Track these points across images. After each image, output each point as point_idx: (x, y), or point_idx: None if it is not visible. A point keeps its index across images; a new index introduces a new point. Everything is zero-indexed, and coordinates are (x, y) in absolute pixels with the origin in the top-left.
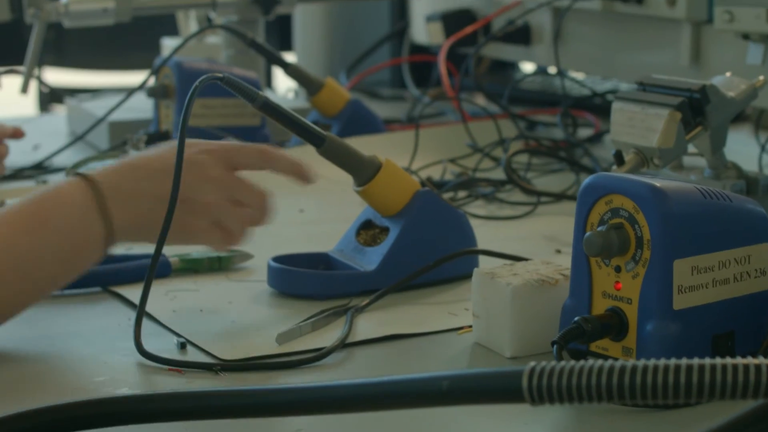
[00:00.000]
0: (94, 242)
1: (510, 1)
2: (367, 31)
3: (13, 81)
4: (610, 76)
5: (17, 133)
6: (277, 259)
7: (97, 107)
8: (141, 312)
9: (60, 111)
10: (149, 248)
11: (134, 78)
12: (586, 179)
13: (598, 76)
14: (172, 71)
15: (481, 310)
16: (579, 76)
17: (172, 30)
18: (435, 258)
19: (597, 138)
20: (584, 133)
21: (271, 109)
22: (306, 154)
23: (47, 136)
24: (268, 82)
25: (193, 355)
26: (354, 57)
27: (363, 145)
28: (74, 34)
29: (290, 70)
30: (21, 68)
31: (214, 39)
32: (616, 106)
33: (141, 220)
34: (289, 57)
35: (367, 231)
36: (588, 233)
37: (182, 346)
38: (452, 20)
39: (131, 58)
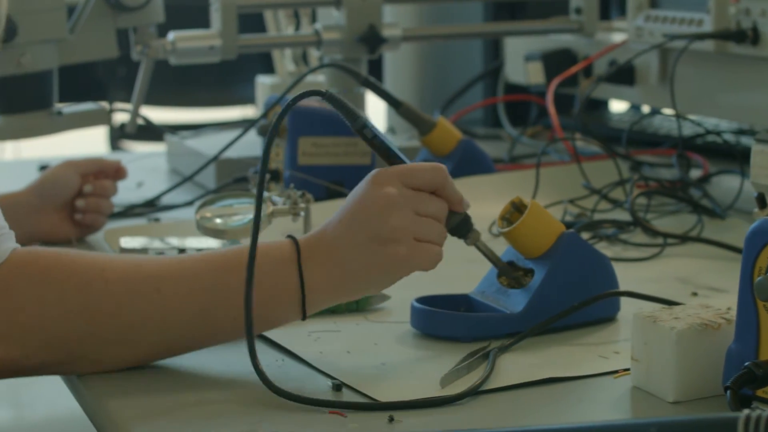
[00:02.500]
0: (289, 300)
1: (611, 42)
2: (458, 71)
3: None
4: (716, 117)
5: (120, 173)
6: (419, 300)
7: (200, 144)
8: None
9: (157, 148)
10: None
11: (210, 114)
12: (753, 224)
13: (700, 116)
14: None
15: (642, 354)
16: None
17: (246, 67)
18: (579, 300)
19: (706, 179)
20: (693, 174)
21: (371, 134)
22: None
23: (149, 173)
24: None
25: (347, 397)
26: (444, 96)
27: (477, 185)
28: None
29: (403, 109)
30: (117, 105)
31: (309, 77)
32: (757, 149)
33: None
34: None
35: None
36: (760, 278)
37: (337, 388)
38: (552, 60)
39: (202, 94)
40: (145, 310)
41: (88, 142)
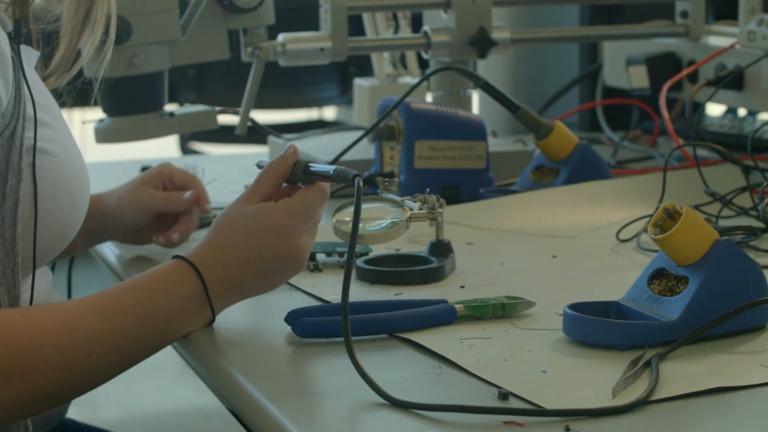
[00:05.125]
0: (193, 325)
1: (713, 45)
2: (552, 74)
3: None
4: None
5: (203, 207)
6: (571, 307)
7: (306, 146)
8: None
9: (229, 150)
10: (436, 293)
11: (277, 116)
12: None
13: None
14: (399, 113)
15: None
16: None
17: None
18: (732, 307)
19: None
20: None
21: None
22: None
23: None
24: None
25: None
26: (537, 99)
27: (596, 190)
28: (214, 74)
29: (520, 113)
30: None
31: (408, 79)
32: None
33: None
34: None
35: (661, 280)
36: None
37: (504, 397)
38: (656, 64)
39: (269, 97)
40: (81, 376)
41: (158, 143)
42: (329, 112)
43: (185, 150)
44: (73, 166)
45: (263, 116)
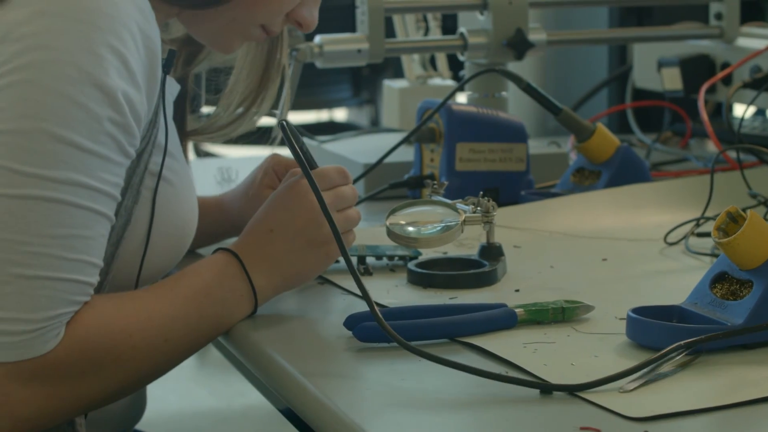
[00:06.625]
0: (244, 308)
1: (746, 47)
2: (580, 76)
3: None
4: None
5: None
6: (634, 311)
7: (342, 149)
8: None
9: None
10: (491, 297)
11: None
12: None
13: None
14: (440, 115)
15: None
16: None
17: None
18: None
19: None
20: None
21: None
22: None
23: None
24: None
25: (590, 411)
26: (564, 101)
27: (639, 193)
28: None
29: (562, 115)
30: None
31: (438, 81)
32: None
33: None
34: None
35: (723, 284)
36: None
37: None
38: (690, 66)
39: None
40: (158, 362)
41: None
42: (339, 114)
43: (198, 152)
44: (188, 198)
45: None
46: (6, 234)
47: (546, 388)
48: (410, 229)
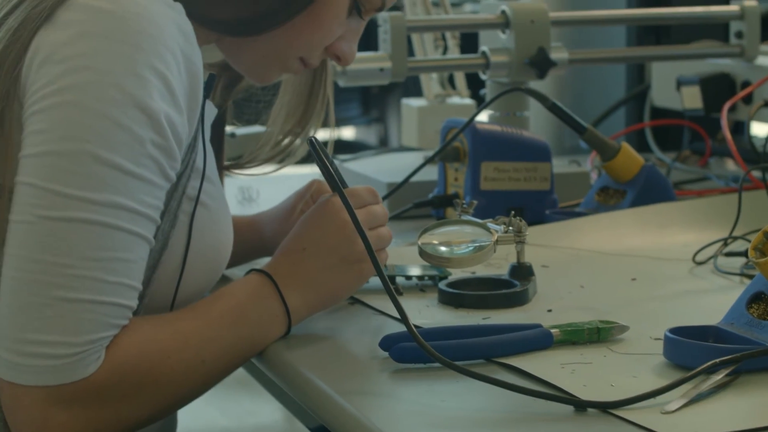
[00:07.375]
0: (277, 329)
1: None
2: (596, 95)
3: None
4: None
5: None
6: (671, 331)
7: (365, 168)
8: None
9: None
10: (523, 317)
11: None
12: None
13: None
14: (465, 134)
15: None
16: None
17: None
18: None
19: None
20: None
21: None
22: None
23: None
24: None
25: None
26: (583, 120)
27: (664, 212)
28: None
29: (587, 134)
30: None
31: (456, 100)
32: None
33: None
34: None
35: (760, 304)
36: None
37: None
38: (710, 85)
39: None
40: (195, 384)
41: None
42: (347, 132)
43: None
44: (224, 222)
45: None
46: (48, 256)
47: (593, 406)
48: (443, 248)
